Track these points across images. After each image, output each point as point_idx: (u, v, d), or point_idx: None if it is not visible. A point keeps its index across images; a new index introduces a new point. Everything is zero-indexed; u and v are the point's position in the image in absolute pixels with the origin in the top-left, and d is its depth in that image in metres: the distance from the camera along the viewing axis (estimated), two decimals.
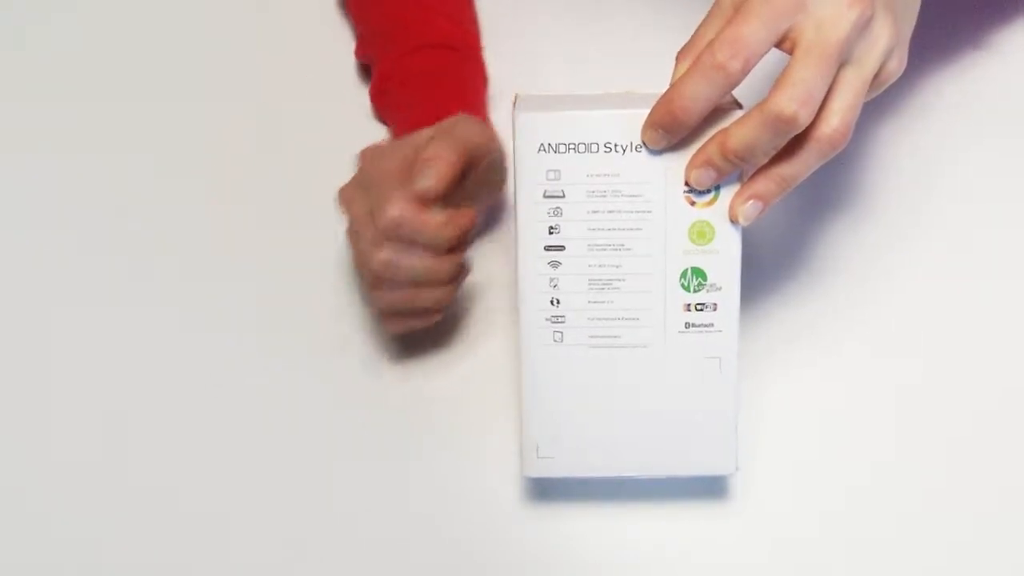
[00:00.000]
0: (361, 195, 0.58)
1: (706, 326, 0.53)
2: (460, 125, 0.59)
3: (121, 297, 0.66)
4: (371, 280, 0.57)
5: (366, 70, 0.73)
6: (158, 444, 0.61)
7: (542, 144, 0.51)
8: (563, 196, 0.52)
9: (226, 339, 0.64)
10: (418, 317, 0.59)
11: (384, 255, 0.56)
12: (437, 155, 0.56)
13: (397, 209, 0.55)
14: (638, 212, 0.52)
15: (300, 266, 0.66)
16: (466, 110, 0.63)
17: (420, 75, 0.68)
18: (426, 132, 0.60)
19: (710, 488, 0.58)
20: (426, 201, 0.56)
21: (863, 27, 0.47)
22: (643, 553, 0.57)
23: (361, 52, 0.73)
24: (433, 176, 0.55)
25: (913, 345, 0.62)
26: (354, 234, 0.58)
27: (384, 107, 0.71)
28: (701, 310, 0.53)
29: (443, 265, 0.57)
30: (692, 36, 0.52)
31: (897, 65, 0.50)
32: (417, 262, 0.56)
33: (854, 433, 0.60)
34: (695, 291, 0.53)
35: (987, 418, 0.60)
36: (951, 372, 0.61)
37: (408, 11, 0.71)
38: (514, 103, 0.52)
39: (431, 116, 0.63)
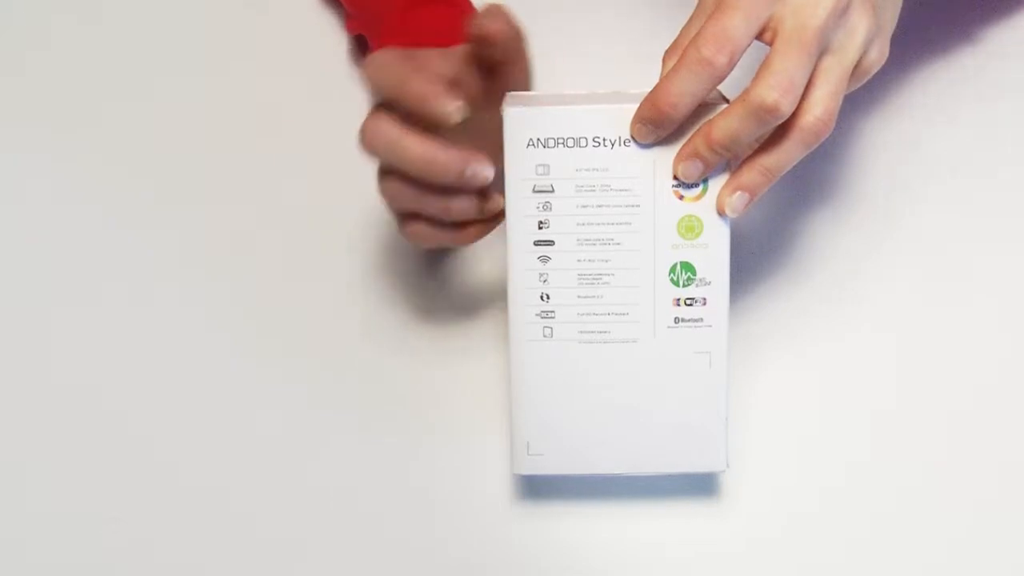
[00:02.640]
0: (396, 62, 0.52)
1: (695, 321, 0.53)
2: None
3: (120, 294, 0.67)
4: (379, 166, 0.53)
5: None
6: (154, 441, 0.61)
7: (531, 139, 0.52)
8: (552, 191, 0.52)
9: (223, 339, 0.64)
10: (433, 227, 0.54)
11: (379, 123, 0.51)
12: (497, 10, 0.51)
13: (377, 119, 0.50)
14: (627, 207, 0.52)
15: (297, 267, 0.67)
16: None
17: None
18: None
19: (701, 485, 0.58)
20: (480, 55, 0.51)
21: (840, 14, 0.48)
22: (633, 551, 0.57)
23: (352, 25, 0.69)
24: (496, 21, 0.51)
25: (906, 339, 0.62)
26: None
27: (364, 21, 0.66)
28: (691, 305, 0.53)
29: (445, 158, 0.51)
30: (678, 35, 0.53)
31: (878, 55, 0.51)
32: (417, 145, 0.51)
33: (846, 428, 0.60)
34: (684, 286, 0.53)
35: (980, 413, 0.60)
36: (945, 369, 0.61)
37: None
38: (504, 100, 0.53)
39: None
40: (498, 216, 0.55)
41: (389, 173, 0.53)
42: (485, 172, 0.51)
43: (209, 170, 0.72)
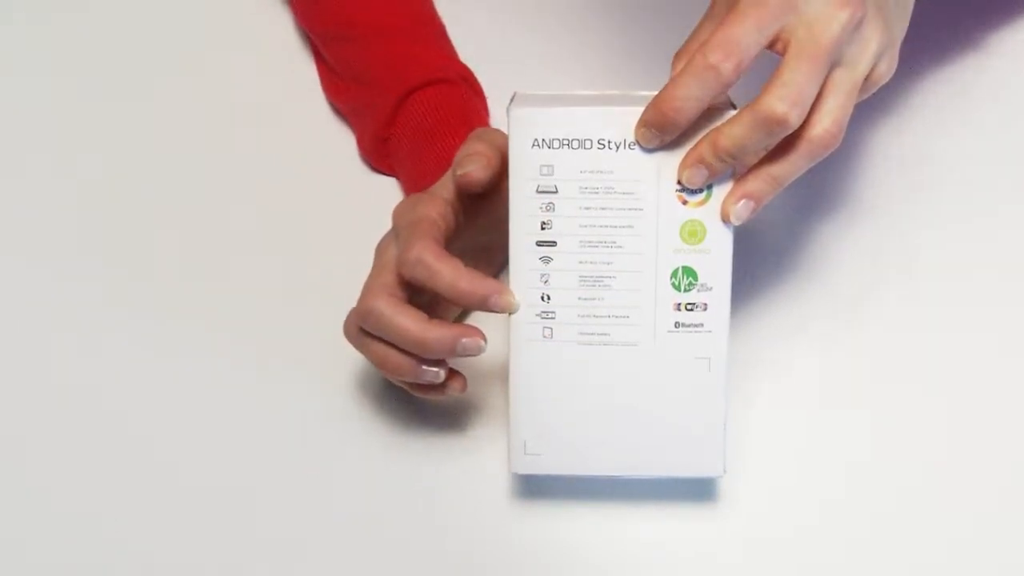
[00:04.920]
0: (392, 243, 0.56)
1: (696, 326, 0.53)
2: (489, 132, 0.57)
3: (122, 293, 0.67)
4: (359, 323, 0.55)
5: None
6: (154, 441, 0.61)
7: (536, 139, 0.52)
8: (556, 192, 0.52)
9: (223, 339, 0.64)
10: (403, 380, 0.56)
11: (381, 304, 0.53)
12: (477, 150, 0.54)
13: (419, 249, 0.52)
14: (630, 210, 0.52)
15: (297, 269, 0.67)
16: None
17: (424, 116, 0.66)
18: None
19: (700, 487, 0.58)
20: (467, 193, 0.54)
21: (854, 28, 0.48)
22: (632, 551, 0.57)
23: (336, 94, 0.71)
24: (473, 163, 0.53)
25: (905, 347, 0.62)
26: (370, 278, 0.56)
27: (385, 156, 0.69)
28: (691, 310, 0.53)
29: (433, 336, 0.53)
30: (688, 39, 0.53)
31: (888, 67, 0.51)
32: (408, 324, 0.53)
33: (844, 435, 0.60)
34: (685, 291, 0.53)
35: (984, 419, 0.60)
36: (945, 374, 0.61)
37: (394, 49, 0.69)
38: (511, 100, 0.53)
39: (444, 161, 0.63)
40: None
41: (378, 339, 0.55)
42: (478, 344, 0.54)
43: (210, 170, 0.71)
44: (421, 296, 0.56)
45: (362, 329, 0.55)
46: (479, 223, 0.58)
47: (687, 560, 0.57)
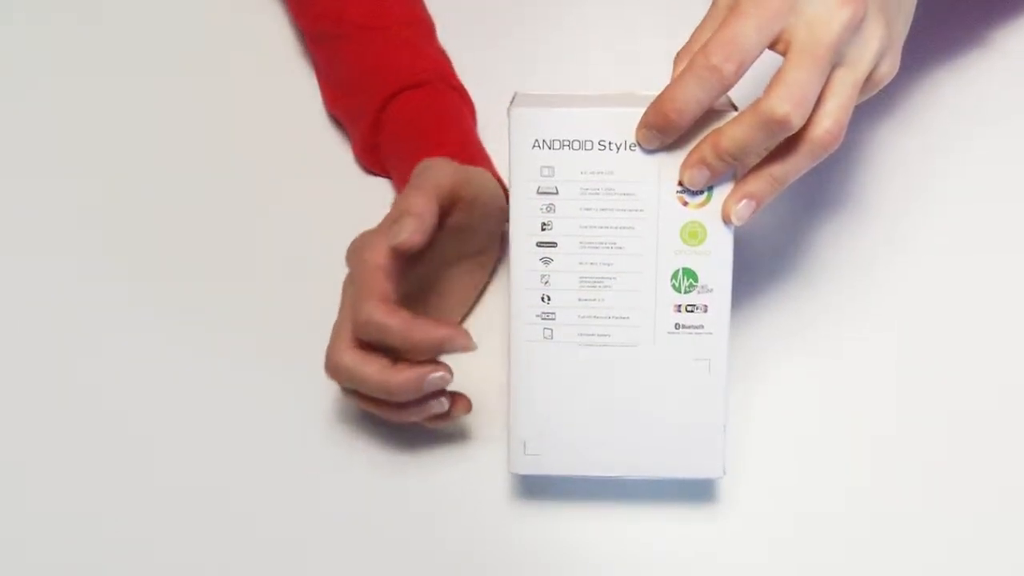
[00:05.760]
0: (349, 292, 0.56)
1: (696, 327, 0.53)
2: (429, 171, 0.57)
3: (123, 293, 0.67)
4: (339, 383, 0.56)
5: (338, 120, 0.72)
6: (154, 441, 0.61)
7: (536, 140, 0.52)
8: (556, 193, 0.52)
9: (225, 341, 0.64)
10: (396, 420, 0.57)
11: (345, 359, 0.54)
12: (408, 208, 0.54)
13: (367, 310, 0.53)
14: (631, 211, 0.52)
15: (298, 269, 0.67)
16: (456, 146, 0.63)
17: (404, 121, 0.66)
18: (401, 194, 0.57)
19: (700, 488, 0.58)
20: (402, 256, 0.54)
21: (855, 28, 0.48)
22: (632, 551, 0.57)
23: (332, 103, 0.71)
24: (407, 229, 0.53)
25: (907, 348, 0.62)
26: (334, 329, 0.56)
27: (378, 161, 0.69)
28: (691, 311, 0.53)
29: (396, 381, 0.53)
30: (689, 38, 0.53)
31: (889, 68, 0.51)
32: (372, 374, 0.53)
33: (844, 436, 0.60)
34: (686, 292, 0.53)
35: (984, 420, 0.60)
36: (945, 375, 0.61)
37: (374, 55, 0.69)
38: (511, 100, 0.53)
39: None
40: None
41: (352, 391, 0.56)
42: (443, 377, 0.54)
43: (210, 170, 0.71)
44: None
45: (345, 391, 0.56)
46: (460, 236, 0.58)
47: (687, 560, 0.57)
